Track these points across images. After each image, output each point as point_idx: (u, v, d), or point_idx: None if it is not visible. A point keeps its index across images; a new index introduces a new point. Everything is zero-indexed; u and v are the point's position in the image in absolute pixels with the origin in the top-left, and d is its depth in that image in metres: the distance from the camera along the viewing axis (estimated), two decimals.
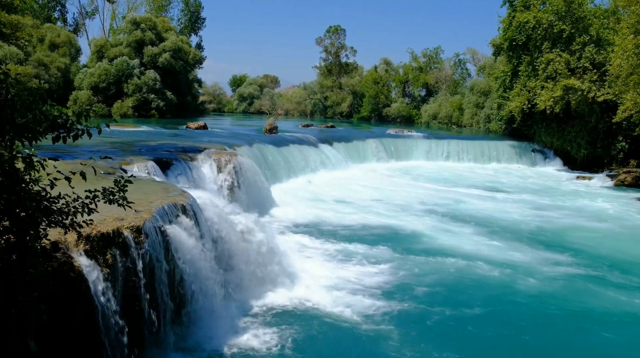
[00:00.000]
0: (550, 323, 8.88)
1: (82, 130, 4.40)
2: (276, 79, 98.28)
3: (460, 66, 63.32)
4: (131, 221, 6.66)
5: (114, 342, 5.99)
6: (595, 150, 30.60)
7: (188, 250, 7.53)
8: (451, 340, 8.08)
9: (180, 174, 13.42)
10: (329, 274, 10.55)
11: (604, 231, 15.64)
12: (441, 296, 9.73)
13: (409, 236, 14.05)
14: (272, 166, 20.51)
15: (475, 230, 14.92)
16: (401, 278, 10.59)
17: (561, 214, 17.89)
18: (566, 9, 29.68)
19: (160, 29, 48.73)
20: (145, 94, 43.90)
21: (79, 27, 61.82)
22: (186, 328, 7.56)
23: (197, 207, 8.61)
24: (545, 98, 29.58)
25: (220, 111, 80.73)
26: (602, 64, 28.71)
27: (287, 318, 8.48)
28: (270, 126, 29.36)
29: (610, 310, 9.47)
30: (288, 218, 15.21)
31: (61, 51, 46.35)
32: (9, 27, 29.42)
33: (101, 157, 5.39)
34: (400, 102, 63.73)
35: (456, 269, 11.32)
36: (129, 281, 6.46)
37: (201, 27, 66.51)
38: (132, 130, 25.13)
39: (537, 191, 22.72)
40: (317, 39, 72.81)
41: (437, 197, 20.02)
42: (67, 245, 5.74)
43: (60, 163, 4.90)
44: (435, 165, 30.70)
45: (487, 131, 42.84)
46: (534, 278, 10.92)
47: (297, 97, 75.44)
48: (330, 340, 7.94)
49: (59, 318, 5.25)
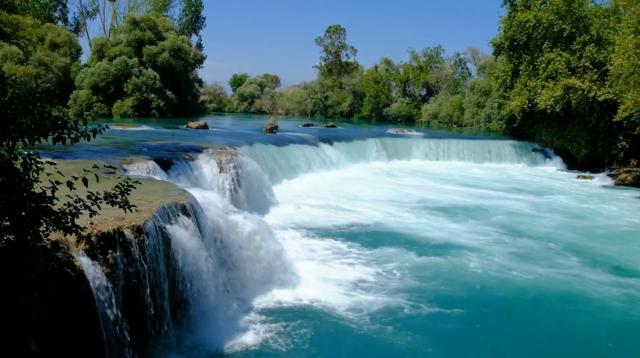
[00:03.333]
0: (548, 319, 8.90)
1: (82, 133, 4.43)
2: (277, 79, 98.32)
3: (461, 66, 63.31)
4: (132, 221, 6.66)
5: (115, 342, 5.99)
6: (596, 149, 30.59)
7: (189, 250, 7.53)
8: (453, 340, 8.09)
9: (180, 174, 13.43)
10: (329, 273, 10.56)
11: (604, 232, 15.62)
12: (441, 295, 9.72)
13: (410, 235, 14.04)
14: (273, 166, 20.51)
15: (479, 229, 14.94)
16: (402, 277, 10.59)
17: (562, 214, 17.88)
18: (567, 9, 29.67)
19: (161, 28, 48.70)
20: (146, 94, 43.86)
21: (80, 27, 61.81)
22: (187, 328, 7.57)
23: (197, 207, 8.61)
24: (545, 97, 29.57)
25: (221, 110, 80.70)
26: (602, 63, 28.69)
27: (288, 317, 8.47)
28: (271, 126, 29.36)
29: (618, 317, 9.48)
30: (288, 217, 15.21)
31: (61, 50, 46.34)
32: (10, 26, 29.41)
33: (105, 166, 5.49)
34: (401, 101, 63.70)
35: (452, 266, 11.34)
36: (130, 281, 6.46)
37: (201, 27, 66.53)
38: (132, 130, 25.14)
39: (537, 191, 22.71)
40: (317, 39, 72.78)
41: (437, 196, 20.01)
42: (68, 245, 5.74)
43: (61, 162, 4.90)
44: (435, 164, 30.70)
45: (488, 130, 42.83)
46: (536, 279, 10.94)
47: (298, 97, 75.38)
48: (331, 339, 7.94)
49: (59, 318, 5.26)
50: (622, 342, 8.41)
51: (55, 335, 5.24)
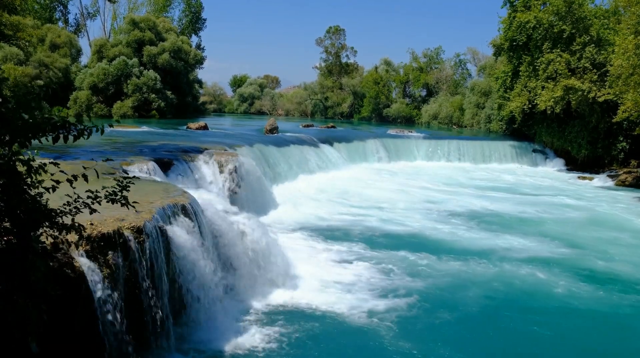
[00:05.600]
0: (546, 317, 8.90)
1: (81, 130, 4.41)
2: (277, 79, 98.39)
3: (461, 66, 63.39)
4: (132, 222, 6.66)
5: (115, 343, 5.99)
6: (596, 150, 30.58)
7: (188, 250, 7.54)
8: (453, 340, 8.08)
9: (180, 175, 13.43)
10: (329, 274, 10.55)
11: (605, 232, 15.62)
12: (442, 296, 9.72)
13: (409, 236, 14.04)
14: (273, 167, 20.51)
15: (478, 230, 14.94)
16: (402, 278, 10.58)
17: (562, 214, 17.87)
18: (567, 9, 29.68)
19: (161, 29, 48.71)
20: (146, 94, 43.85)
21: (80, 28, 61.82)
22: (187, 328, 7.57)
23: (197, 207, 8.61)
24: (545, 98, 29.58)
25: (221, 111, 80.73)
26: (602, 64, 28.69)
27: (287, 318, 8.48)
28: (271, 126, 29.37)
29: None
30: (288, 218, 15.21)
31: (62, 51, 46.33)
32: (10, 27, 29.40)
33: (103, 159, 5.42)
34: (401, 102, 63.74)
35: (455, 270, 11.33)
36: (130, 282, 6.46)
37: (202, 28, 66.56)
38: (132, 130, 25.14)
39: (536, 191, 22.71)
40: (317, 40, 72.88)
41: (437, 197, 20.01)
42: (68, 246, 5.74)
43: (61, 163, 4.90)
44: (435, 165, 30.71)
45: (488, 131, 42.85)
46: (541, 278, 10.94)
47: (298, 98, 75.44)
48: (330, 340, 7.93)
49: (59, 319, 5.26)
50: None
51: (56, 336, 5.24)
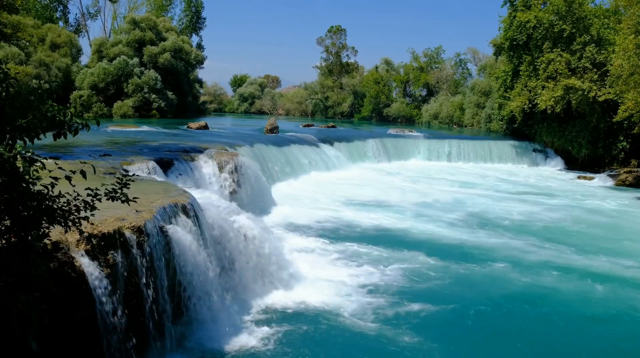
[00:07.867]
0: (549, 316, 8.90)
1: (81, 124, 4.43)
2: (277, 79, 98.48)
3: (461, 66, 63.44)
4: (132, 221, 6.66)
5: (115, 342, 6.00)
6: (596, 150, 30.58)
7: (189, 250, 7.53)
8: (454, 340, 8.08)
9: (181, 174, 13.44)
10: (329, 274, 10.55)
11: (605, 233, 15.62)
12: (441, 296, 9.72)
13: (410, 236, 14.04)
14: (273, 166, 20.51)
15: (478, 230, 14.94)
16: (402, 278, 10.58)
17: (562, 214, 17.87)
18: (567, 9, 29.66)
19: (161, 28, 48.70)
20: (146, 94, 43.85)
21: (81, 28, 61.80)
22: (187, 328, 7.57)
23: (198, 207, 8.61)
24: (546, 98, 29.58)
25: (221, 111, 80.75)
26: (602, 63, 28.69)
27: (288, 318, 8.47)
28: (271, 126, 29.37)
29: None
30: (288, 217, 15.20)
31: (62, 51, 46.32)
32: (11, 27, 29.42)
33: (100, 155, 5.42)
34: (401, 102, 63.76)
35: (457, 270, 11.34)
36: (130, 281, 6.46)
37: (202, 27, 66.54)
38: (133, 130, 25.13)
39: (536, 191, 22.70)
40: (318, 39, 72.94)
41: (437, 197, 20.00)
42: (68, 245, 5.75)
43: (61, 162, 4.90)
44: (435, 165, 30.72)
45: (488, 130, 42.86)
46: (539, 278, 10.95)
47: (298, 97, 75.48)
48: (330, 340, 7.92)
49: (60, 318, 5.26)
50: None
51: (56, 335, 5.24)
